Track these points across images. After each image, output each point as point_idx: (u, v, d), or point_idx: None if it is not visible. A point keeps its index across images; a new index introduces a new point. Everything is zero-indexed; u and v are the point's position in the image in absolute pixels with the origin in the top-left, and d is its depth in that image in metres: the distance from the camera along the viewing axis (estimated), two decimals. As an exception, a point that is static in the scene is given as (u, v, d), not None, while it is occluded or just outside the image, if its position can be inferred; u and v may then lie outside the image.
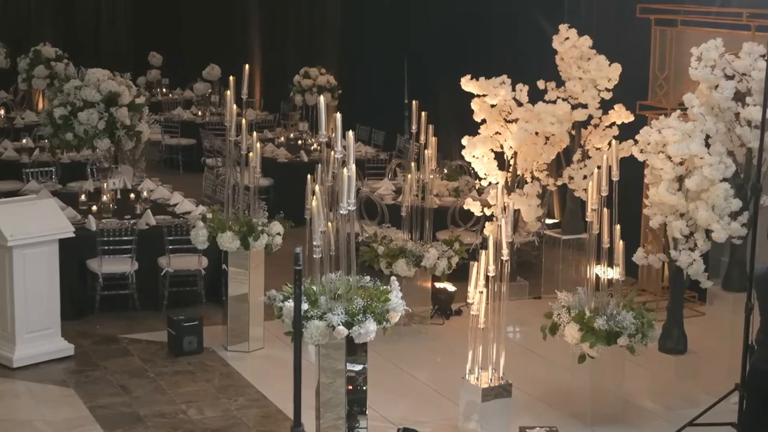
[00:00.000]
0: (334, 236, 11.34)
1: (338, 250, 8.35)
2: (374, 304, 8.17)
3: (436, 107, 15.74)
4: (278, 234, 10.88)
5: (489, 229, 12.01)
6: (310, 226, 11.21)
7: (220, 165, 17.52)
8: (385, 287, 8.44)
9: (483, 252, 8.79)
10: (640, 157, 9.79)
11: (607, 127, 12.10)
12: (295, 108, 20.57)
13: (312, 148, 17.51)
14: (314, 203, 8.25)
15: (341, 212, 8.18)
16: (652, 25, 12.33)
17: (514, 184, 12.00)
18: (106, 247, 11.70)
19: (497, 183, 12.03)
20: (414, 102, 11.45)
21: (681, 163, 9.47)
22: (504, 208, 8.99)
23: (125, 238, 11.78)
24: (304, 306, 8.20)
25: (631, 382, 9.80)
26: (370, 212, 13.49)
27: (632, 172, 12.33)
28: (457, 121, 14.85)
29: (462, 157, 13.61)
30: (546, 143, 11.87)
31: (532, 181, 12.00)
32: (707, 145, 9.46)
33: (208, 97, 21.81)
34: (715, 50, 9.66)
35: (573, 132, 12.03)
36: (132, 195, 13.48)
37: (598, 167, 9.25)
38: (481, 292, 8.81)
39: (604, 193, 9.24)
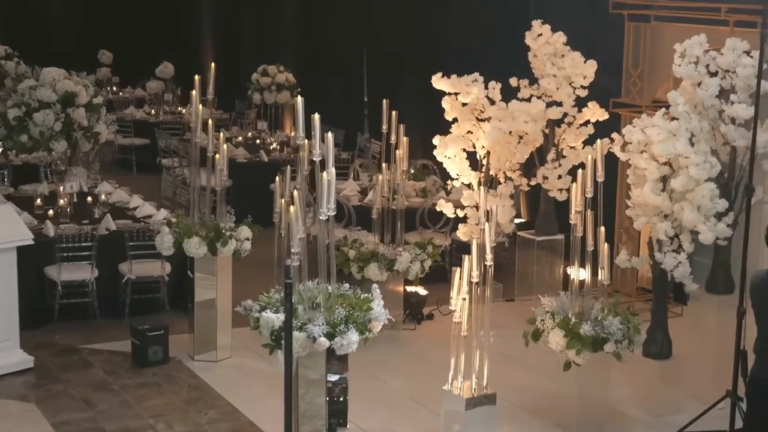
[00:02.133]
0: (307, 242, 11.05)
1: (316, 256, 7.95)
2: (356, 313, 7.82)
3: (401, 106, 15.40)
4: (247, 239, 10.48)
5: (463, 231, 11.71)
6: (278, 230, 10.93)
7: (176, 165, 17.09)
8: (365, 295, 8.10)
9: (466, 257, 8.44)
10: (623, 157, 9.50)
11: (581, 125, 11.80)
12: (251, 106, 20.12)
13: (271, 147, 17.09)
14: (292, 209, 7.86)
15: (321, 217, 7.80)
16: (625, 20, 12.06)
17: (487, 184, 11.66)
18: (65, 254, 11.23)
19: (470, 184, 11.76)
20: (384, 101, 11.07)
21: (665, 163, 9.19)
22: (487, 211, 8.66)
23: (85, 244, 11.32)
24: (282, 316, 7.82)
25: (615, 389, 9.50)
26: (336, 214, 13.08)
27: (606, 171, 12.08)
28: (420, 120, 14.51)
29: (428, 157, 13.31)
30: (519, 142, 11.55)
31: (505, 182, 11.68)
32: (691, 144, 9.20)
33: (161, 95, 21.27)
34: (699, 46, 9.39)
35: (546, 131, 11.72)
36: (89, 198, 13.00)
37: (577, 167, 8.95)
38: (465, 299, 8.46)
39: (589, 195, 8.94)
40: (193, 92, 10.43)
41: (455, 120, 11.74)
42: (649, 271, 10.34)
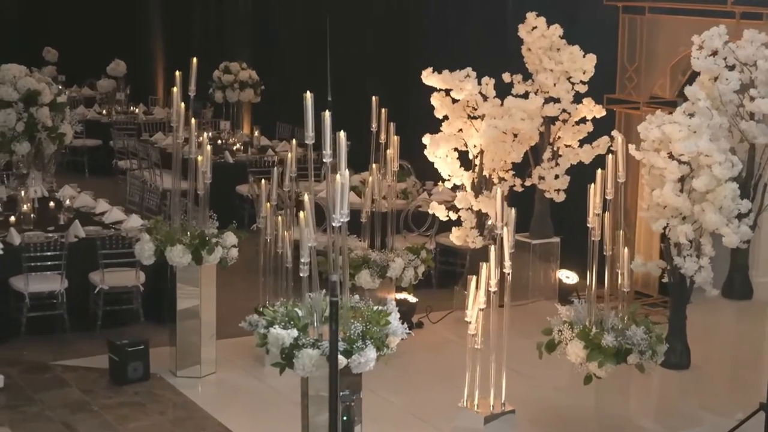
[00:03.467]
0: (291, 248, 10.39)
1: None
2: (373, 328, 7.19)
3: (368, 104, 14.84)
4: (234, 246, 9.79)
5: (457, 235, 11.13)
6: (263, 235, 10.28)
7: (135, 167, 16.33)
8: (381, 308, 7.47)
9: (483, 264, 7.85)
10: (637, 156, 8.96)
11: (577, 122, 11.27)
12: (206, 105, 19.36)
13: (235, 148, 16.38)
14: (302, 215, 7.22)
15: (334, 224, 7.15)
16: (619, 12, 11.54)
17: (480, 185, 11.08)
18: (32, 264, 10.46)
19: (462, 185, 11.20)
20: (374, 98, 10.44)
21: (684, 162, 8.68)
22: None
23: (53, 253, 10.55)
24: (293, 332, 7.18)
25: (632, 401, 8.96)
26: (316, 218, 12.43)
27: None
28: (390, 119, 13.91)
29: (402, 156, 12.70)
30: (514, 140, 10.97)
31: (499, 182, 11.10)
32: (707, 142, 8.70)
33: (113, 94, 20.42)
34: (719, 38, 8.88)
35: (542, 129, 11.16)
36: (51, 203, 12.24)
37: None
38: (482, 310, 7.88)
39: (610, 197, 8.39)
40: (174, 89, 9.73)
41: (445, 118, 11.14)
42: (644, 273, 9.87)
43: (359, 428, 7.20)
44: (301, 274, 7.37)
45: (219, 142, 16.87)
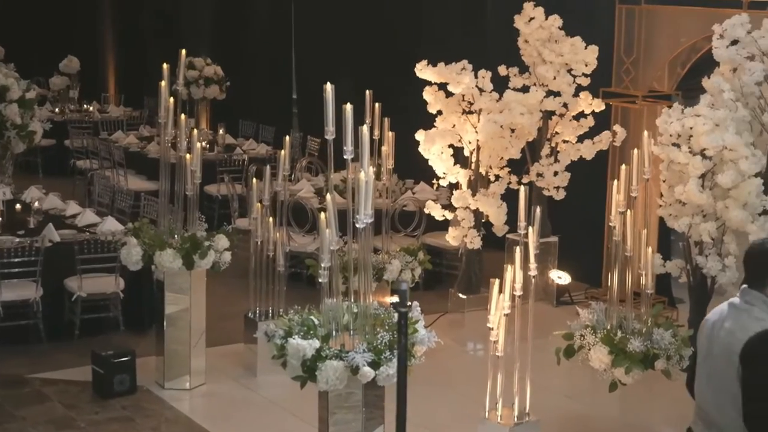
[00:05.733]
0: (280, 249, 9.86)
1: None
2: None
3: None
4: (226, 250, 9.23)
5: (453, 235, 10.66)
6: (254, 237, 9.72)
7: (95, 168, 15.66)
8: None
9: (508, 267, 7.37)
10: (656, 151, 8.54)
11: (575, 117, 10.83)
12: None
13: (204, 145, 15.75)
14: (323, 216, 6.69)
15: (358, 225, 6.64)
16: (616, 3, 11.14)
17: (476, 183, 10.61)
18: (5, 270, 9.82)
19: (458, 183, 10.73)
20: (367, 92, 9.92)
21: (708, 157, 8.27)
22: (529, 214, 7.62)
23: (27, 258, 9.91)
24: (316, 343, 6.65)
25: (655, 408, 8.56)
26: (297, 218, 11.93)
27: (594, 167, 11.19)
28: (359, 116, 13.41)
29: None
30: (512, 136, 10.51)
31: (496, 180, 10.64)
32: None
33: (67, 92, 19.65)
34: (741, 27, 8.48)
35: (540, 123, 10.71)
36: (18, 206, 11.56)
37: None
38: (507, 315, 7.39)
39: (634, 194, 7.97)
40: (162, 83, 9.11)
41: (439, 113, 10.65)
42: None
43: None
44: (321, 280, 6.86)
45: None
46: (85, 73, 20.63)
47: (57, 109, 18.92)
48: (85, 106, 19.26)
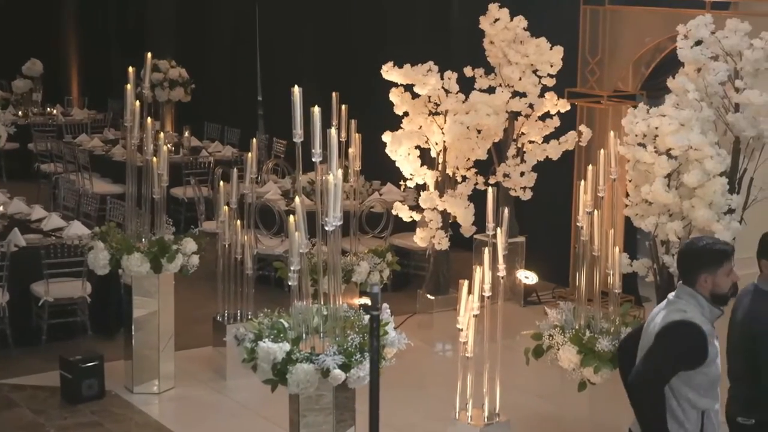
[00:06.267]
0: (249, 252, 9.85)
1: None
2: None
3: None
4: (194, 253, 9.21)
5: (421, 236, 10.69)
6: (221, 240, 9.71)
7: (60, 171, 15.57)
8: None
9: (477, 268, 7.39)
10: (622, 151, 8.59)
11: (540, 118, 10.87)
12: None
13: (169, 148, 15.68)
14: (292, 219, 6.69)
15: (327, 228, 6.65)
16: (580, 3, 11.20)
17: (444, 184, 10.64)
18: (-30, 276, 9.78)
19: (425, 184, 10.76)
20: (334, 94, 9.91)
21: (674, 157, 8.33)
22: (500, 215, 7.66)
23: (-7, 264, 9.87)
24: (285, 346, 6.65)
25: (621, 407, 8.59)
26: (264, 221, 11.90)
27: (560, 168, 11.24)
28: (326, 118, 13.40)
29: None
30: (478, 137, 10.54)
31: (463, 181, 10.66)
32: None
33: (30, 95, 19.51)
34: (705, 28, 8.54)
35: (506, 124, 10.75)
36: (-19, 211, 11.51)
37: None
38: (476, 316, 7.42)
39: (601, 194, 8.02)
40: (128, 86, 9.08)
41: (406, 114, 10.67)
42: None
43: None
44: (291, 283, 6.86)
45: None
46: (48, 75, 20.50)
47: (20, 113, 18.76)
48: (48, 109, 19.14)
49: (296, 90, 6.68)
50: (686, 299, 5.70)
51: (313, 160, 6.70)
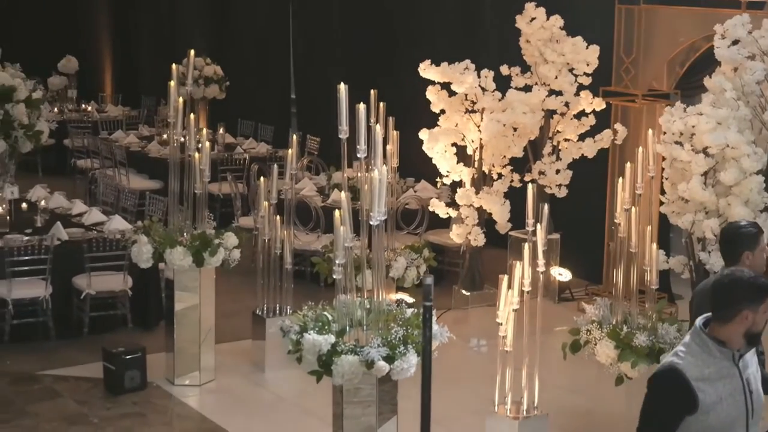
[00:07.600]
0: (287, 249, 9.98)
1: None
2: (414, 332, 6.82)
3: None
4: (235, 247, 9.35)
5: (457, 232, 10.81)
6: (262, 236, 9.85)
7: (96, 167, 15.76)
8: (413, 310, 7.12)
9: (517, 263, 7.50)
10: (659, 149, 8.68)
11: (576, 116, 10.97)
12: (160, 102, 18.78)
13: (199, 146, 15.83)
14: (337, 213, 6.82)
15: (372, 223, 6.77)
16: (615, 3, 11.28)
17: (480, 181, 10.75)
18: (15, 269, 9.92)
19: (461, 181, 10.87)
20: (372, 91, 10.03)
21: (710, 155, 8.42)
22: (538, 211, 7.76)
23: (37, 257, 10.01)
24: (331, 338, 6.78)
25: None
26: (300, 217, 12.04)
27: (595, 166, 11.33)
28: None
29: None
30: (514, 135, 10.65)
31: (498, 178, 10.78)
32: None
33: (65, 91, 19.73)
34: (742, 27, 8.63)
35: (542, 122, 10.86)
36: (24, 205, 11.67)
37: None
38: (516, 310, 7.53)
39: (639, 191, 8.11)
40: (171, 83, 9.23)
41: (442, 112, 10.79)
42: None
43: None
44: (335, 276, 6.99)
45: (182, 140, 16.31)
46: (83, 72, 20.72)
47: (56, 109, 18.97)
48: (83, 105, 19.35)
49: (342, 87, 6.82)
50: (690, 340, 4.78)
51: (358, 156, 6.82)
